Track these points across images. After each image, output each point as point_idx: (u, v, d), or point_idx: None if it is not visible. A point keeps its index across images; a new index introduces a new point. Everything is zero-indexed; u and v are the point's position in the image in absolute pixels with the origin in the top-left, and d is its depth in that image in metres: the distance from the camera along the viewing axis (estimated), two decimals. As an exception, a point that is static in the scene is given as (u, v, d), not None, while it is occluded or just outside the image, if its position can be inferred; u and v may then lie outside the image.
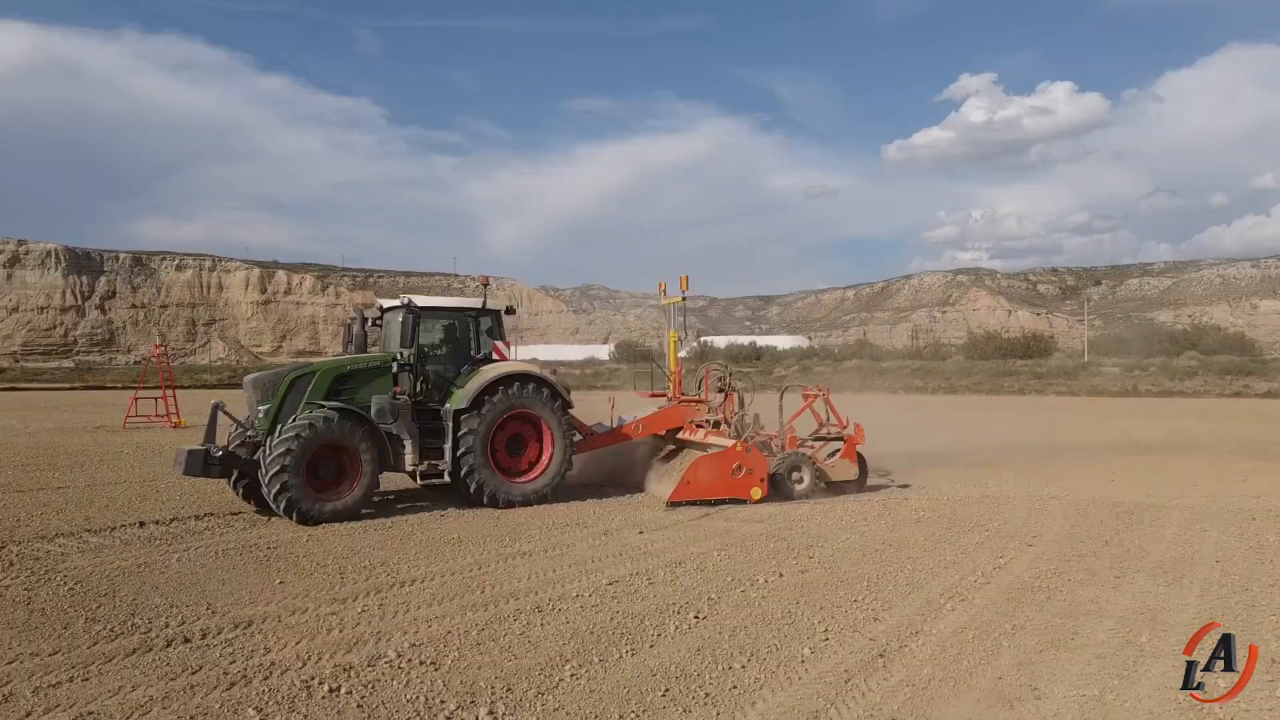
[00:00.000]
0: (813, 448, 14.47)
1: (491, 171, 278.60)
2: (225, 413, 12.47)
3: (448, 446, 12.63)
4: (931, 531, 11.05)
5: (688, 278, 15.55)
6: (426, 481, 12.93)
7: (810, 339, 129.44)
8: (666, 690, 5.78)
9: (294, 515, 11.28)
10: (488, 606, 7.65)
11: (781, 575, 8.78)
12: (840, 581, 8.55)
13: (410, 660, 6.26)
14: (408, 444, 12.34)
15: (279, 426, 11.67)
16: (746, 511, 12.56)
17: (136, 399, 30.43)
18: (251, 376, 12.52)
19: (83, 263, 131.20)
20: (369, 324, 14.16)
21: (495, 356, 13.56)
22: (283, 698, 5.58)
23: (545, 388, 13.34)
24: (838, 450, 14.48)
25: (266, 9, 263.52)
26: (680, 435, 14.99)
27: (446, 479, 12.77)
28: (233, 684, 5.80)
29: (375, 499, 12.68)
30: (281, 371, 12.51)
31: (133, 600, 7.77)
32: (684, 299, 15.87)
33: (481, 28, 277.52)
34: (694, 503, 12.73)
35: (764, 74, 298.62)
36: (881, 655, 6.42)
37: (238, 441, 12.55)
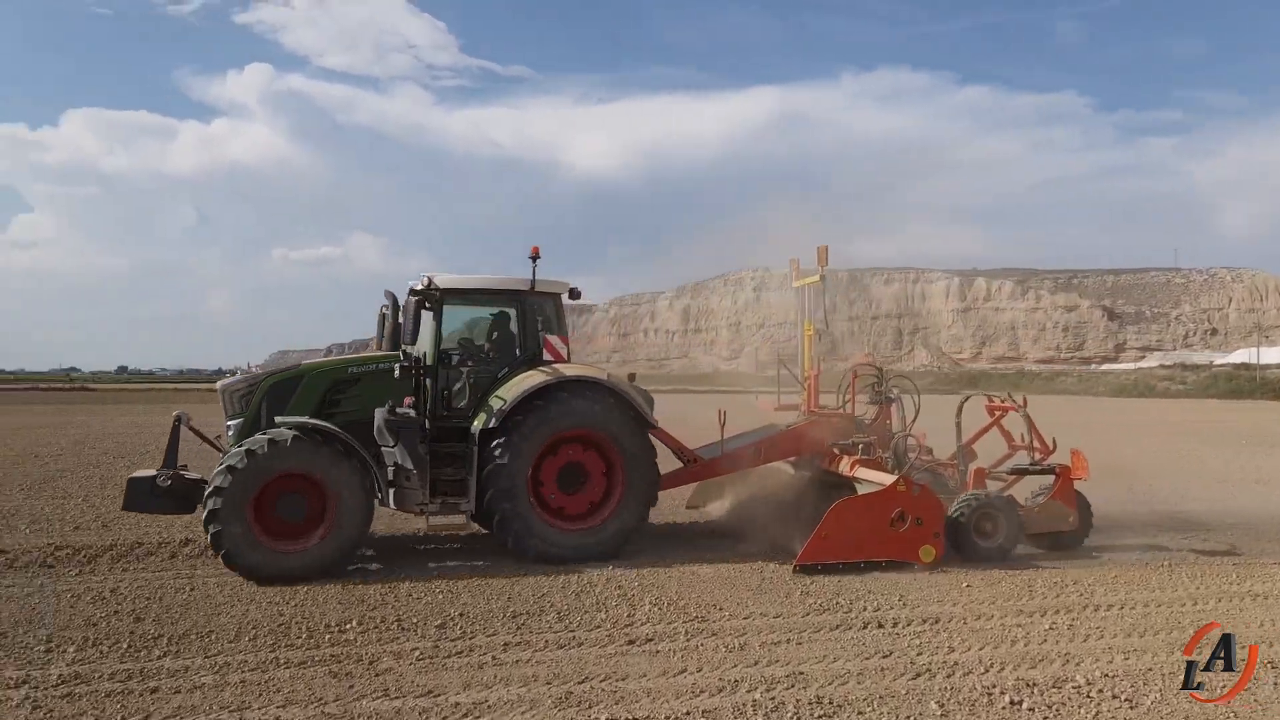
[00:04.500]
0: (1006, 482, 10.56)
1: (1220, 147, 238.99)
2: (191, 428, 9.82)
3: (472, 479, 9.53)
4: None
5: (827, 249, 11.40)
6: (438, 526, 9.85)
7: None
8: None
9: (237, 568, 8.64)
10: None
11: None
12: None
13: (1101, 691, 5.81)
14: (414, 474, 9.27)
15: None
16: None
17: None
18: (223, 383, 10.02)
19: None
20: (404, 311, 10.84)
21: (547, 356, 10.21)
22: (963, 698, 5.70)
23: (615, 400, 9.98)
24: (1047, 489, 10.33)
25: (968, 23, 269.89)
26: (825, 464, 11.05)
27: (471, 523, 9.76)
28: (918, 674, 6.14)
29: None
30: (257, 376, 9.98)
31: (838, 581, 8.74)
32: (822, 278, 11.72)
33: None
34: (837, 567, 9.09)
35: None
36: None
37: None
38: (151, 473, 9.32)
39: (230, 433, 9.69)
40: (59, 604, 7.76)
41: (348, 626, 7.14)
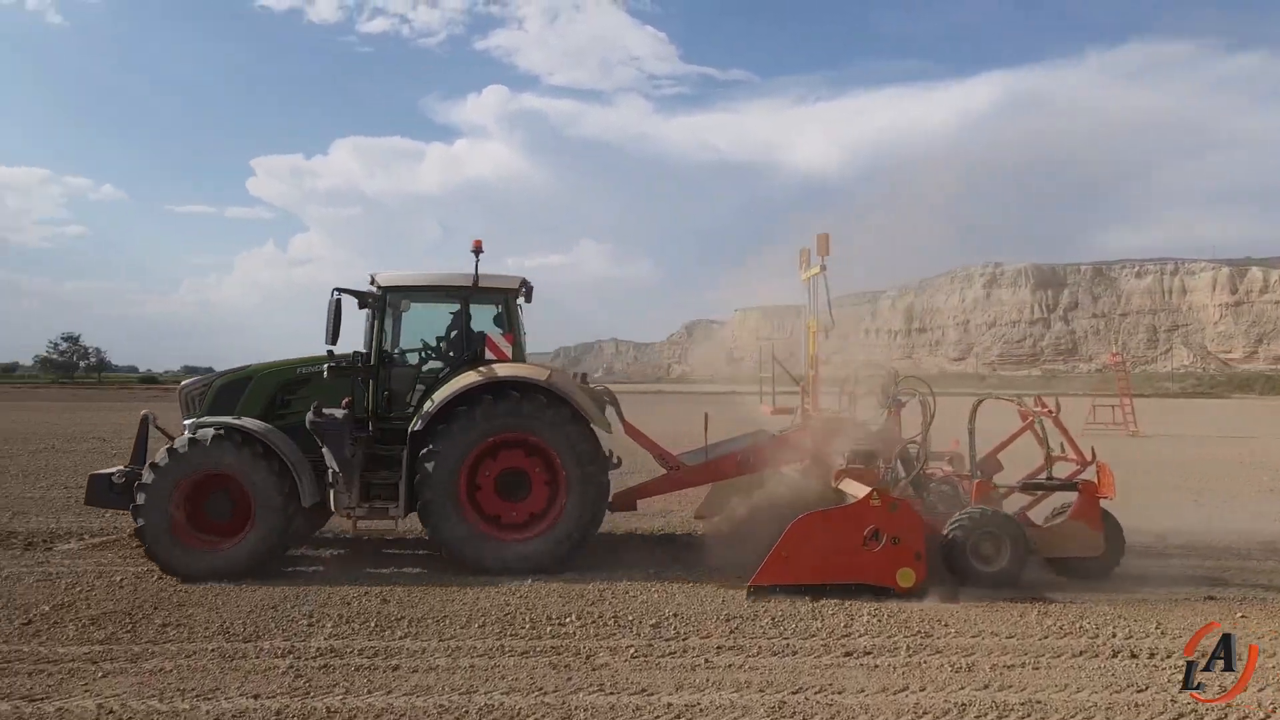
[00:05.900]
0: (1034, 497, 9.59)
1: None
2: (158, 428, 10.06)
3: (403, 483, 9.19)
4: None
5: (828, 237, 10.47)
6: (366, 530, 10.11)
7: None
8: None
9: (160, 565, 8.81)
10: None
11: None
12: None
13: None
14: (341, 476, 9.05)
15: None
16: None
17: (1095, 406, 31.21)
18: (184, 383, 10.27)
19: (1048, 278, 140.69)
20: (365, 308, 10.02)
21: (490, 355, 9.70)
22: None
23: (556, 403, 9.23)
24: (1068, 506, 9.07)
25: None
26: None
27: (394, 525, 9.74)
28: (1180, 715, 5.46)
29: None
30: (210, 378, 10.11)
31: (1082, 606, 7.96)
32: (823, 269, 10.57)
33: None
34: (802, 589, 8.08)
35: None
36: None
37: None
38: (112, 470, 9.67)
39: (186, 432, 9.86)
40: (321, 583, 8.61)
41: (568, 620, 7.39)
